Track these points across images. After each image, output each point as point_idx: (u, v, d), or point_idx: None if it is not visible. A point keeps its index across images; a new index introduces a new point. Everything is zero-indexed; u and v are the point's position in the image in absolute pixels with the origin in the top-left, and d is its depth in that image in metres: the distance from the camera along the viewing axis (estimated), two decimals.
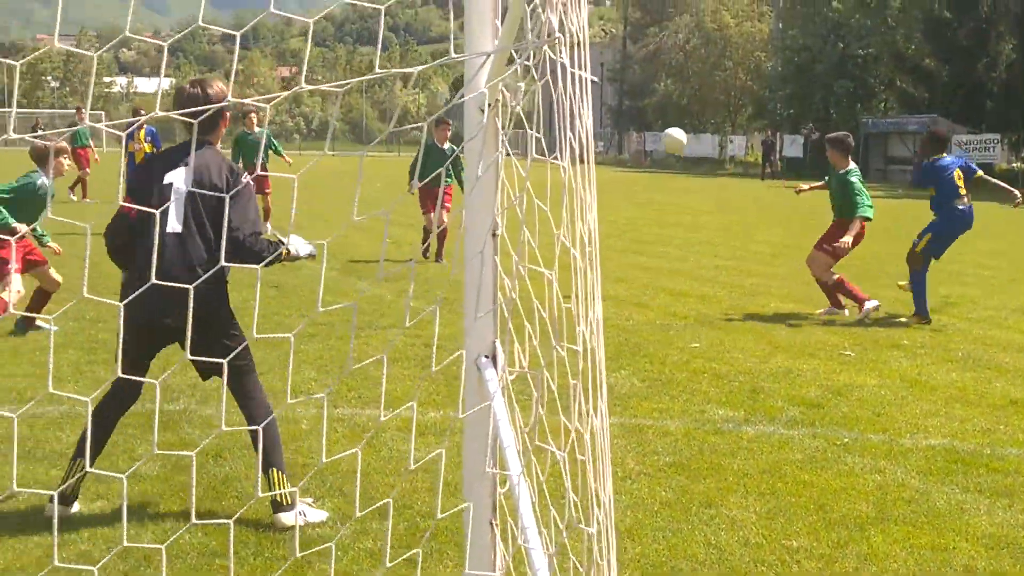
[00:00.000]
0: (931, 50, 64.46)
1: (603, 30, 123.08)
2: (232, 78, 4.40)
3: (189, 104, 6.02)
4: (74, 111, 42.27)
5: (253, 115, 19.36)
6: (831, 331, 12.04)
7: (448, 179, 16.92)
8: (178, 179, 6.03)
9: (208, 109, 5.89)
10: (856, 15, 67.16)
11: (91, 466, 5.82)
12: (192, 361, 6.13)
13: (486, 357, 3.45)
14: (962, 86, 60.74)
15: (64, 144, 11.47)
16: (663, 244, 21.47)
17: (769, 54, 79.36)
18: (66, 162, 11.03)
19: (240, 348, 5.99)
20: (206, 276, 5.60)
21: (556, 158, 3.21)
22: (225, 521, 5.57)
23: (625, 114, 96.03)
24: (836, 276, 13.19)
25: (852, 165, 13.18)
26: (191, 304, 3.97)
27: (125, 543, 5.41)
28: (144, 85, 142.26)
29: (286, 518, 5.87)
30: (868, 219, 12.92)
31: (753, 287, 15.54)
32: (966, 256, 18.08)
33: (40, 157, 10.97)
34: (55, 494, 5.42)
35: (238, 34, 3.01)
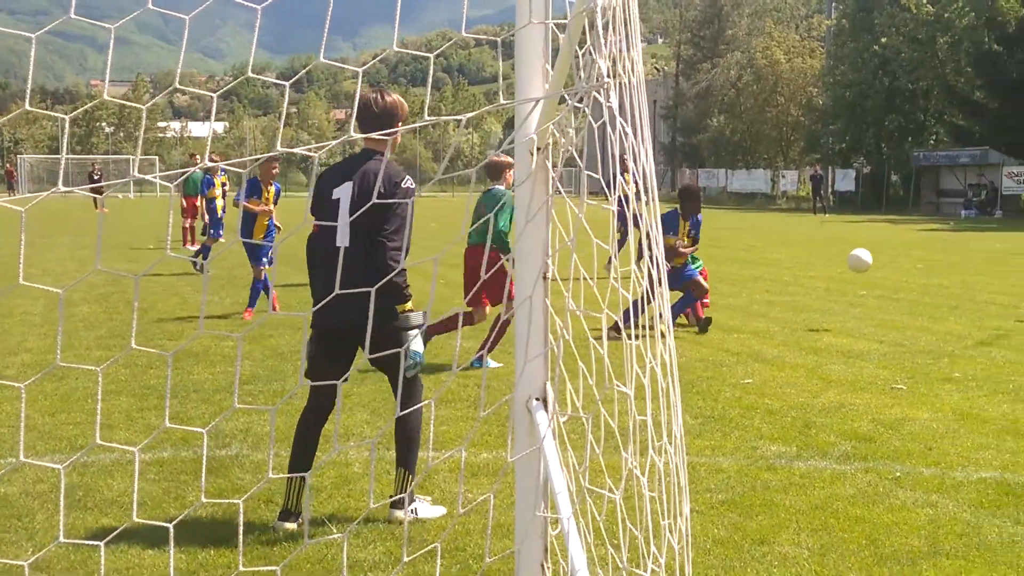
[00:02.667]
0: (981, 83, 64.18)
1: (656, 68, 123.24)
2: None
3: (363, 108, 6.41)
4: (129, 158, 41.77)
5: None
6: (882, 365, 11.95)
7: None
8: (344, 194, 6.46)
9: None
10: (904, 50, 66.95)
11: (308, 479, 6.57)
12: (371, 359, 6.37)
13: (537, 400, 3.46)
14: (1013, 118, 60.32)
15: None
16: (715, 280, 21.36)
17: (820, 90, 79.14)
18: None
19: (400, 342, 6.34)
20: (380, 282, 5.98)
21: (607, 198, 3.23)
22: (272, 568, 5.60)
23: (678, 150, 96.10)
24: None
25: None
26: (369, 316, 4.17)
27: None
28: (198, 129, 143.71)
29: (399, 514, 6.52)
30: None
31: (805, 322, 15.46)
32: (1017, 288, 17.93)
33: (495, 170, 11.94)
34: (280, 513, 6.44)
35: (287, 84, 3.07)
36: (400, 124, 6.45)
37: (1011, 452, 8.31)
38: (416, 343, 6.48)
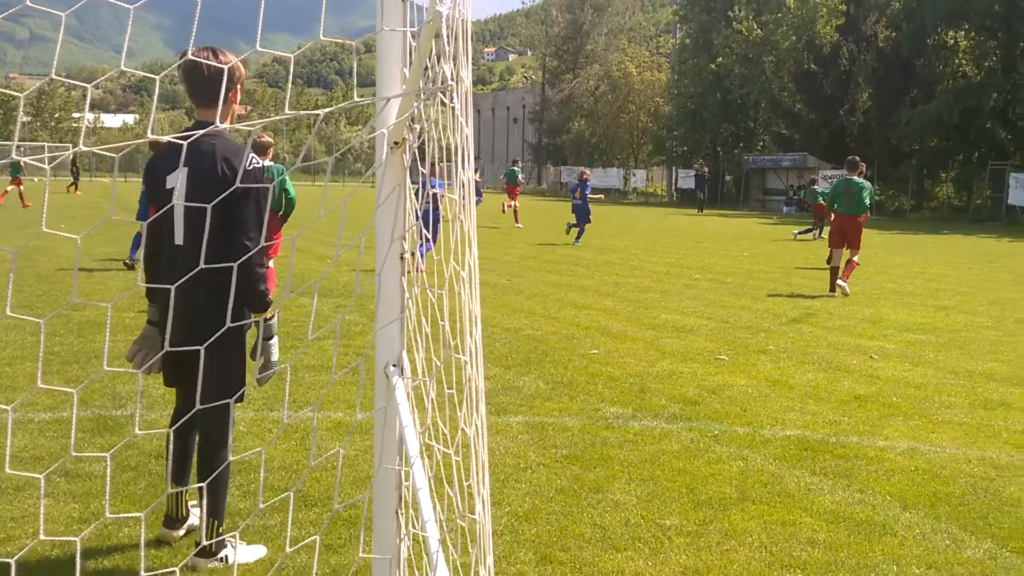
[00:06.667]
0: (801, 97, 66.05)
1: (525, 77, 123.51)
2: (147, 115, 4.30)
3: (191, 72, 4.72)
4: (43, 144, 40.51)
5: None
6: (709, 339, 12.17)
7: None
8: (177, 182, 4.76)
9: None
10: (737, 68, 68.31)
11: (179, 484, 5.19)
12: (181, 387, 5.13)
13: (394, 366, 3.45)
14: (827, 128, 62.38)
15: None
16: (572, 264, 21.56)
17: (666, 100, 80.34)
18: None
19: (231, 381, 4.76)
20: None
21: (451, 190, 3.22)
22: (137, 515, 5.48)
23: (544, 150, 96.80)
24: None
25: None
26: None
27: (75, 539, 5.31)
28: (110, 120, 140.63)
29: (202, 562, 4.99)
30: None
31: (646, 301, 15.66)
32: (826, 274, 18.45)
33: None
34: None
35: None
36: (238, 89, 4.94)
37: (812, 413, 8.55)
38: (274, 352, 5.03)
